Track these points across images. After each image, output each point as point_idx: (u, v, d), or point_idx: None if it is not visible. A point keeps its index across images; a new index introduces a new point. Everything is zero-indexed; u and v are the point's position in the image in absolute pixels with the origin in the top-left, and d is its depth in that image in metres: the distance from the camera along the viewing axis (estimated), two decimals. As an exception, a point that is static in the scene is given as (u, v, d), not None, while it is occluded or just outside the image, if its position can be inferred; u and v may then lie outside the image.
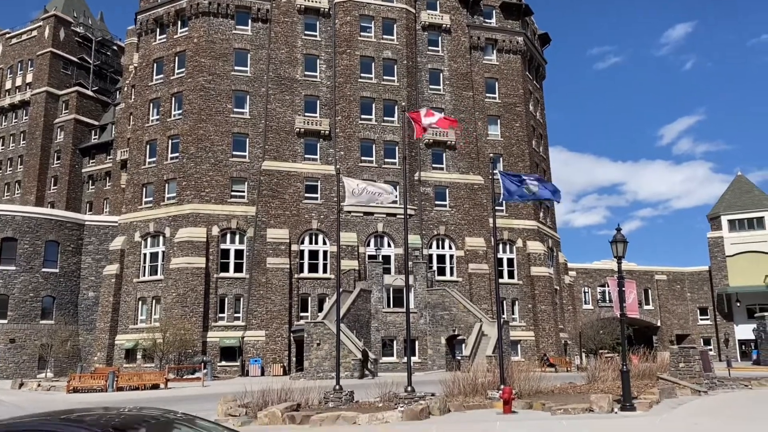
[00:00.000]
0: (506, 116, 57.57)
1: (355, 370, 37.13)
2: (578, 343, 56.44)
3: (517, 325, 52.25)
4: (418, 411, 15.83)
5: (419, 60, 55.37)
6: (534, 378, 22.26)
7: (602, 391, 19.64)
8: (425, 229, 51.73)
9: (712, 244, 66.73)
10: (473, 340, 41.55)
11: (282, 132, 50.47)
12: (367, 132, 51.99)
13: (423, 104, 53.56)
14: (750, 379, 25.70)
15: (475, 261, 52.20)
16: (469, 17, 57.89)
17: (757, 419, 15.73)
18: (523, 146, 57.50)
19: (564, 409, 16.51)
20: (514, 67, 58.92)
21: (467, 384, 20.79)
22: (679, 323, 67.64)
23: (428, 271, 48.55)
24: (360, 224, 49.88)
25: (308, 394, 18.98)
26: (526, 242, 54.97)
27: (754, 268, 62.77)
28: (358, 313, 43.99)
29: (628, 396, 16.99)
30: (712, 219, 68.29)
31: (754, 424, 14.88)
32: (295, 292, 47.55)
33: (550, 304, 54.34)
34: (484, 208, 53.02)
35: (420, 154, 53.08)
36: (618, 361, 22.10)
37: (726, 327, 65.36)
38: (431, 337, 46.31)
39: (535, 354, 50.24)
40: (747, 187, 68.86)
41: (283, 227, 48.43)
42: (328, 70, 52.64)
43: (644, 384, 23.02)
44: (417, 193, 51.78)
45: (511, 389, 17.42)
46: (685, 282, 68.75)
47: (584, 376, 26.18)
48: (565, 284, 60.97)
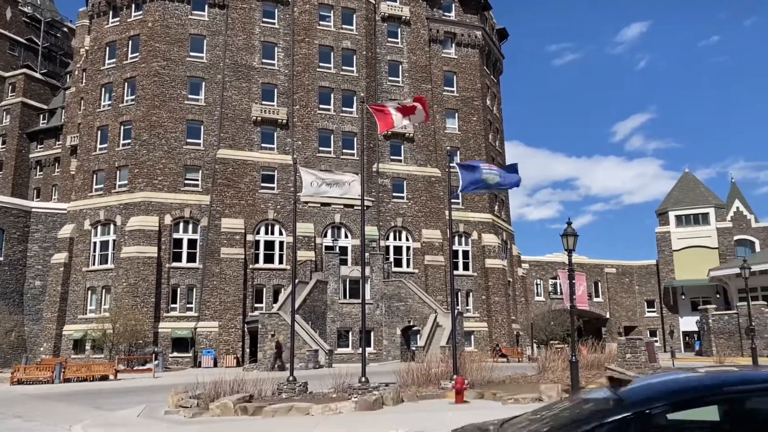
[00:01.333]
0: (464, 110, 58.05)
1: (310, 361, 37.05)
2: (530, 334, 57.55)
3: (471, 316, 52.96)
4: (371, 401, 15.90)
5: (378, 51, 55.28)
6: (486, 368, 22.60)
7: (552, 381, 20.07)
8: (383, 220, 51.86)
9: (660, 239, 68.76)
10: (428, 331, 41.95)
11: (238, 120, 49.77)
12: (326, 122, 51.72)
13: (382, 96, 53.58)
14: (692, 369, 26.60)
15: (432, 253, 52.62)
16: (428, 10, 58.05)
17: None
18: (480, 140, 58.09)
19: (514, 398, 16.81)
20: (472, 61, 59.40)
21: (421, 374, 20.99)
22: (627, 315, 69.58)
23: (385, 263, 48.73)
24: (317, 215, 49.67)
25: (262, 386, 18.85)
26: (482, 235, 55.68)
27: (699, 263, 64.98)
28: (314, 305, 43.87)
29: (577, 386, 17.41)
30: (660, 214, 70.32)
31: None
32: (249, 282, 47.10)
33: (504, 296, 55.23)
34: (441, 201, 53.46)
35: (378, 146, 53.09)
36: (568, 352, 22.62)
37: (671, 319, 67.55)
38: (387, 328, 46.53)
39: (488, 345, 51.06)
40: (694, 184, 71.12)
41: (238, 217, 47.85)
42: (287, 58, 52.09)
43: (592, 374, 23.60)
44: (375, 184, 51.81)
45: (464, 379, 17.66)
46: (633, 275, 70.70)
47: (535, 366, 26.71)
48: (518, 276, 62.03)
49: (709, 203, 67.77)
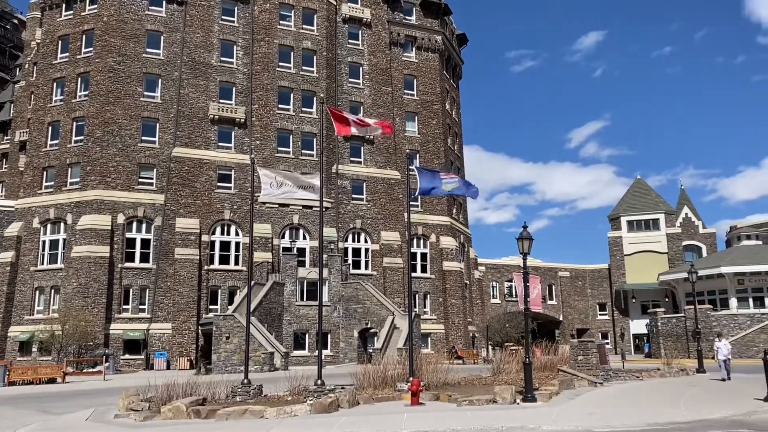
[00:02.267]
0: (423, 113, 58.43)
1: (265, 363, 36.69)
2: (485, 336, 58.20)
3: (428, 318, 53.29)
4: (327, 404, 15.83)
5: (339, 53, 55.21)
6: (442, 370, 22.74)
7: (506, 383, 20.33)
8: (341, 222, 51.75)
9: (612, 244, 70.44)
10: (385, 333, 42.00)
11: (195, 118, 49.00)
12: (285, 122, 51.37)
13: (342, 97, 53.52)
14: (641, 371, 27.34)
15: (390, 255, 52.76)
16: (389, 13, 58.27)
17: (643, 407, 16.79)
18: (439, 143, 58.55)
19: (469, 400, 16.97)
20: (432, 65, 59.85)
21: (377, 377, 20.99)
22: (579, 318, 71.03)
23: (343, 265, 48.60)
24: (275, 216, 49.27)
25: (215, 388, 18.58)
26: (440, 238, 56.09)
27: (649, 267, 66.81)
28: (271, 307, 43.47)
29: (530, 387, 17.69)
30: (612, 219, 72.04)
31: (639, 411, 15.87)
32: (204, 284, 46.38)
33: (460, 298, 55.74)
34: (400, 203, 53.67)
35: (338, 147, 52.98)
36: (522, 354, 22.96)
37: (622, 322, 69.24)
38: (344, 330, 46.42)
39: (445, 346, 51.47)
40: (645, 190, 73.10)
41: (193, 217, 47.09)
42: (246, 57, 51.55)
43: (546, 376, 24.02)
44: (334, 186, 51.68)
45: (420, 381, 17.75)
46: (586, 279, 72.23)
47: (490, 368, 27.01)
48: (474, 279, 62.70)
49: (659, 209, 69.75)
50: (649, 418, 14.85)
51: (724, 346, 26.01)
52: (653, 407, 16.89)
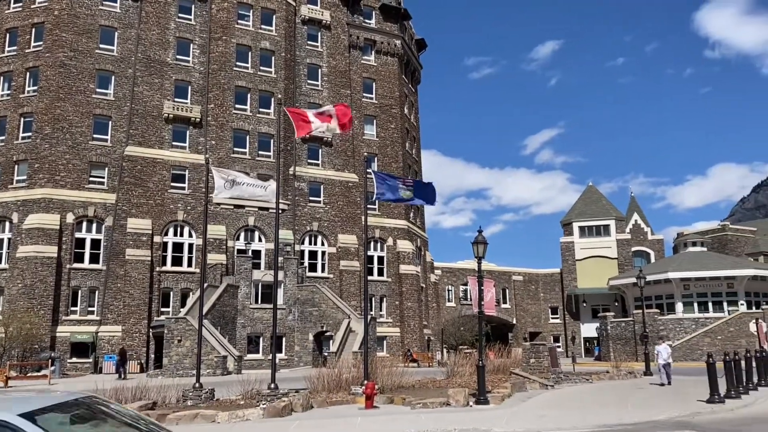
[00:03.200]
0: (382, 117, 58.59)
1: (218, 367, 36.15)
2: (440, 339, 58.64)
3: (385, 321, 53.37)
4: (280, 408, 15.68)
5: (298, 54, 54.92)
6: (397, 373, 22.81)
7: (460, 386, 20.51)
8: (298, 224, 51.42)
9: (564, 249, 71.87)
10: (341, 337, 41.89)
11: (149, 117, 48.01)
12: (241, 122, 50.79)
13: (300, 99, 53.23)
14: (591, 374, 27.96)
15: (347, 258, 52.66)
16: (349, 16, 58.26)
17: (592, 409, 17.16)
18: (397, 147, 58.78)
19: (423, 403, 17.05)
20: (391, 69, 60.08)
21: (332, 380, 20.94)
22: (532, 321, 72.20)
23: (299, 267, 48.30)
24: (230, 217, 48.63)
25: (166, 392, 18.24)
26: (397, 241, 56.27)
27: (600, 272, 68.42)
28: (224, 309, 42.86)
29: (483, 390, 17.88)
30: (565, 225, 73.52)
31: (589, 412, 16.22)
32: (156, 286, 45.43)
33: (416, 302, 56.01)
34: (357, 206, 53.63)
35: (296, 149, 52.66)
36: (476, 357, 23.20)
37: (573, 325, 70.68)
38: (299, 334, 46.10)
39: (400, 350, 51.62)
40: (596, 197, 74.86)
41: (145, 217, 46.10)
42: (202, 55, 50.80)
43: (498, 378, 24.34)
44: (291, 188, 51.33)
45: (374, 384, 17.75)
46: (539, 283, 73.49)
47: (444, 371, 27.23)
48: (430, 282, 63.11)
49: (610, 216, 71.50)
50: (598, 419, 15.19)
51: (664, 349, 24.79)
52: (602, 409, 17.28)
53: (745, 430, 13.80)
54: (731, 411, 16.88)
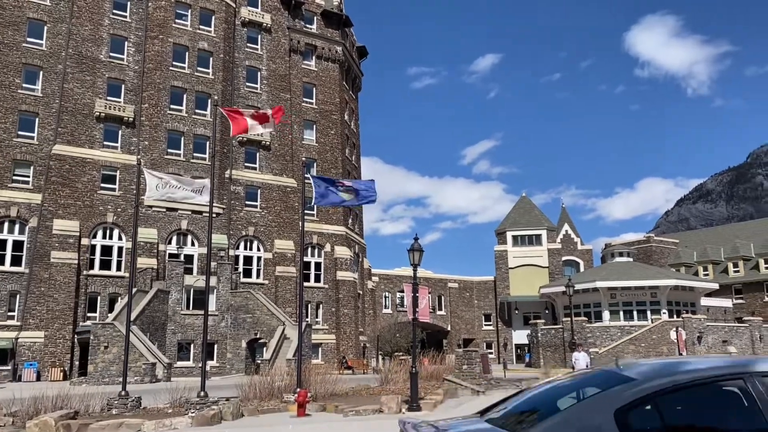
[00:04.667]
0: (322, 122, 58.39)
1: (146, 374, 35.06)
2: (376, 346, 58.74)
3: (320, 328, 53.03)
4: (209, 416, 15.33)
5: (237, 56, 54.15)
6: (331, 381, 22.69)
7: (393, 393, 20.59)
8: (233, 229, 50.55)
9: (498, 257, 73.37)
10: (275, 344, 41.38)
11: (79, 115, 46.28)
12: (176, 123, 49.62)
13: (238, 101, 52.46)
14: (521, 380, 28.59)
15: (283, 264, 52.11)
16: (290, 20, 57.91)
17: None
18: (336, 153, 58.68)
19: (356, 410, 17.03)
20: (332, 75, 60.01)
21: (264, 388, 20.63)
22: (466, 328, 73.28)
23: (233, 273, 47.46)
24: (162, 220, 47.35)
25: (90, 401, 17.54)
26: (335, 247, 56.09)
27: (531, 280, 70.14)
28: (154, 315, 41.65)
29: (416, 397, 18.02)
30: (499, 234, 75.09)
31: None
32: (83, 290, 43.72)
33: (353, 308, 55.94)
34: (295, 211, 53.17)
35: (232, 152, 51.83)
36: (410, 364, 23.35)
37: (506, 332, 72.13)
38: (232, 341, 45.25)
39: (336, 357, 51.39)
40: (529, 207, 76.83)
41: (72, 219, 44.34)
42: (137, 54, 49.40)
43: (432, 385, 24.58)
44: (227, 191, 50.45)
45: (307, 392, 17.61)
46: (473, 290, 74.71)
47: (378, 377, 27.27)
48: (367, 289, 63.17)
49: (542, 226, 73.48)
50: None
51: (583, 357, 23.17)
52: (530, 414, 17.69)
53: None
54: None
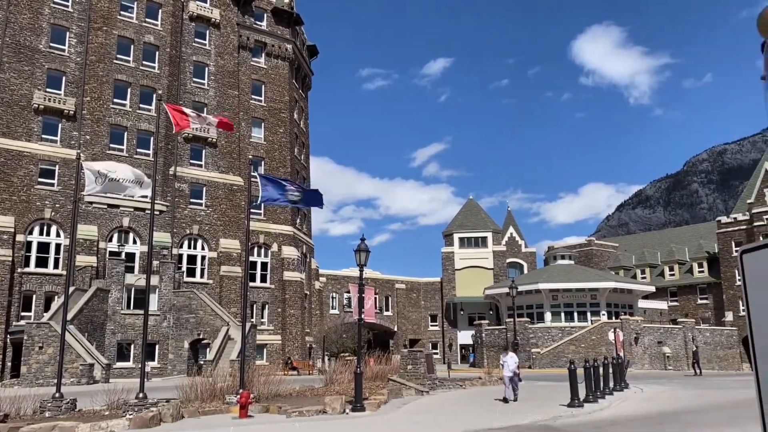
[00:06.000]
0: (271, 120, 57.77)
1: (84, 376, 33.97)
2: (322, 347, 58.49)
3: (266, 328, 52.45)
4: (147, 418, 14.97)
5: (184, 51, 53.05)
6: (275, 381, 22.50)
7: (338, 393, 20.57)
8: (177, 227, 49.49)
9: (445, 259, 74.17)
10: (218, 344, 40.71)
11: (16, 106, 44.49)
12: (120, 118, 48.26)
13: (185, 97, 51.43)
14: (465, 380, 28.97)
15: (228, 263, 51.31)
16: (240, 16, 57.10)
17: (463, 414, 17.81)
18: (285, 152, 58.15)
19: (299, 411, 16.94)
20: (281, 73, 59.45)
21: (206, 389, 20.31)
22: (413, 329, 73.79)
23: (176, 272, 46.45)
24: (103, 217, 45.97)
25: (21, 403, 16.89)
26: (282, 247, 55.56)
27: (477, 281, 71.19)
28: (93, 315, 40.39)
29: (360, 397, 18.04)
30: (446, 236, 75.92)
31: (460, 417, 16.82)
32: (17, 288, 42.01)
33: (299, 309, 55.53)
34: (241, 210, 52.42)
35: (178, 148, 50.73)
36: (355, 364, 23.34)
37: (451, 333, 72.97)
38: (174, 341, 44.29)
39: (281, 357, 50.93)
40: (476, 210, 77.96)
41: (7, 214, 42.58)
42: (80, 45, 47.83)
43: (377, 385, 24.66)
44: (171, 188, 49.35)
45: (249, 393, 17.41)
46: (420, 291, 75.30)
47: (323, 378, 27.17)
48: (315, 289, 62.85)
49: (488, 228, 74.67)
50: (468, 424, 15.76)
51: (511, 359, 21.86)
52: (472, 414, 17.95)
53: None
54: (589, 414, 18.09)
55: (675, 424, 15.70)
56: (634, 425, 15.77)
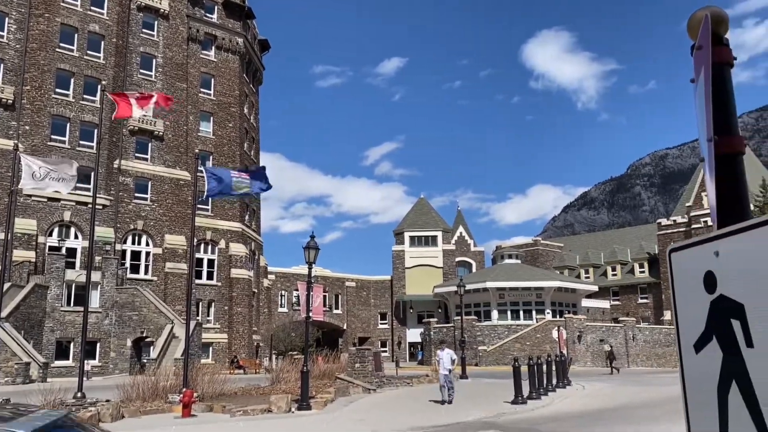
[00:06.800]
0: (220, 114, 56.78)
1: (19, 375, 32.72)
2: (270, 345, 57.92)
3: (212, 327, 51.58)
4: (85, 418, 14.48)
5: (131, 41, 51.61)
6: (220, 380, 22.16)
7: (284, 392, 20.38)
8: (121, 222, 48.14)
9: (395, 257, 74.48)
10: (162, 343, 39.85)
11: (-51, 93, 42.44)
12: (62, 108, 46.62)
13: (131, 88, 50.02)
14: (412, 378, 29.15)
15: (174, 260, 50.21)
16: (189, 8, 55.91)
17: (409, 412, 17.91)
18: (234, 147, 57.26)
19: (244, 410, 16.71)
20: (232, 66, 58.52)
21: (148, 388, 19.84)
22: (362, 327, 73.82)
23: (119, 268, 45.20)
24: (43, 210, 44.34)
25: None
26: (229, 244, 54.71)
27: (426, 280, 71.73)
28: (30, 312, 38.92)
29: (306, 396, 17.92)
30: (397, 234, 76.25)
31: (406, 415, 16.90)
32: (-52, 283, 40.08)
33: (247, 307, 54.82)
34: (188, 206, 51.34)
35: (123, 141, 49.33)
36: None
37: (400, 331, 73.34)
38: (116, 339, 43.09)
39: (227, 356, 50.19)
40: (426, 209, 78.55)
41: (-62, 206, 40.62)
42: (19, 32, 45.96)
43: (324, 384, 24.56)
44: (115, 182, 47.97)
45: (193, 392, 17.08)
46: (370, 289, 75.39)
47: (270, 377, 26.91)
48: (263, 287, 62.15)
49: (438, 227, 75.33)
50: (414, 421, 15.85)
51: (447, 356, 20.55)
52: (418, 411, 18.06)
53: (541, 428, 15.14)
54: (532, 411, 18.45)
55: (608, 421, 16.16)
56: (572, 421, 16.16)
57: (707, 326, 2.17)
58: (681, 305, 2.31)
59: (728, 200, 2.20)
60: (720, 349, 2.10)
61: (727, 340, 2.07)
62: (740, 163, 2.24)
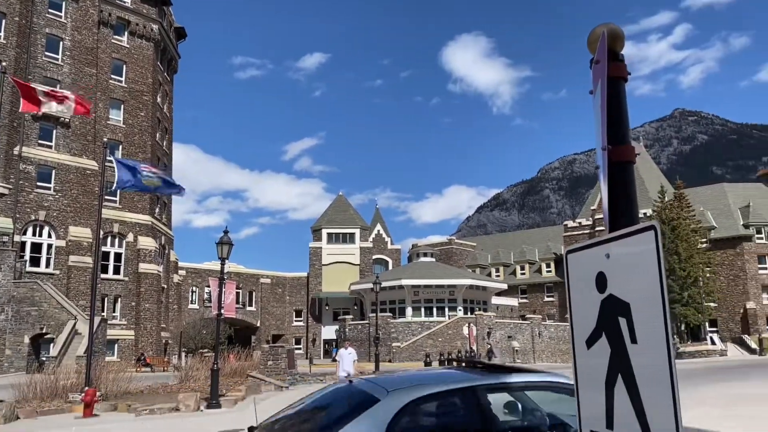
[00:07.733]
0: (131, 102, 54.55)
1: None
2: (179, 343, 56.29)
3: (118, 323, 49.54)
4: (-25, 421, 13.61)
5: (36, 21, 48.69)
6: (125, 379, 21.35)
7: (193, 390, 19.89)
8: (21, 212, 45.37)
9: (313, 254, 74.13)
10: (64, 340, 37.94)
11: None
12: (-45, 89, 43.33)
13: (36, 71, 47.29)
14: (326, 375, 29.13)
15: (78, 253, 47.84)
16: (101, -11, 53.33)
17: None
18: (146, 137, 55.17)
19: (150, 409, 16.19)
20: (145, 54, 56.34)
21: (46, 387, 18.86)
22: (276, 324, 73.02)
23: (18, 261, 42.59)
24: (-70, 198, 41.13)
25: None
26: (138, 237, 52.69)
27: (343, 277, 71.82)
28: None
29: (216, 394, 17.57)
30: (315, 231, 75.90)
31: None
32: None
33: (155, 303, 52.99)
34: (94, 196, 48.98)
35: (25, 126, 46.49)
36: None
37: (315, 328, 73.08)
38: (13, 336, 40.56)
39: (134, 354, 48.37)
40: (345, 206, 78.61)
41: None
42: None
43: (235, 381, 24.15)
44: (15, 170, 45.15)
45: (95, 391, 16.39)
46: (286, 286, 74.67)
47: (179, 375, 26.19)
48: (173, 283, 60.27)
49: (356, 225, 75.56)
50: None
51: (348, 356, 19.03)
52: (331, 408, 18.07)
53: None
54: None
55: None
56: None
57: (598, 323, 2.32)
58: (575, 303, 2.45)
59: (619, 205, 2.36)
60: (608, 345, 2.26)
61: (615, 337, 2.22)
62: (631, 171, 2.41)
